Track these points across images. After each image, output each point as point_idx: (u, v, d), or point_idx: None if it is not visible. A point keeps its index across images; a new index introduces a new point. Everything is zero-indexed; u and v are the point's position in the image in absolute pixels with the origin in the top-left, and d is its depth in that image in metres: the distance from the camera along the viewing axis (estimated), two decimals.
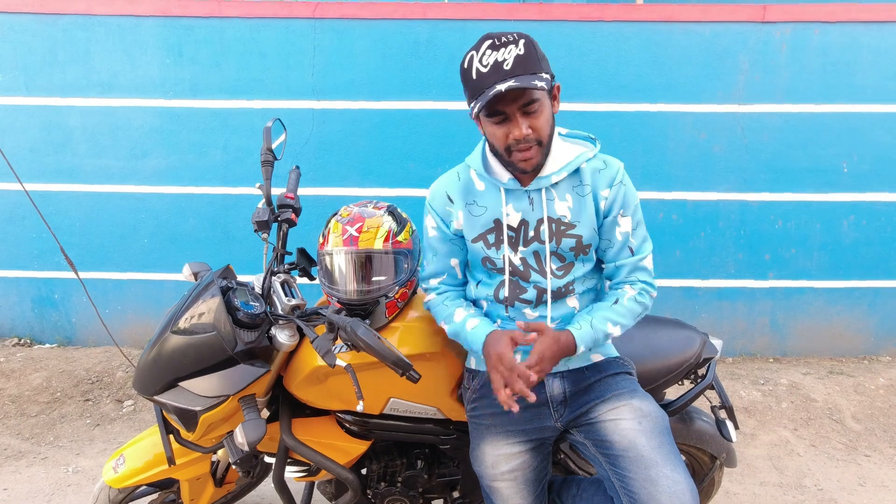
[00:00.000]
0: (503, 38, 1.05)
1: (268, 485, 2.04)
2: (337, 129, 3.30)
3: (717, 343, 1.48)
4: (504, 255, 1.20)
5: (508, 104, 1.06)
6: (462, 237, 1.27)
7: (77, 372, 2.90)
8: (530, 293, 1.21)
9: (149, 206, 3.40)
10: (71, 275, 3.42)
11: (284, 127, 1.48)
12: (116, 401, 2.74)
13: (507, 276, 1.21)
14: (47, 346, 3.43)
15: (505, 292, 1.23)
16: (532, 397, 1.07)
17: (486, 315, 1.29)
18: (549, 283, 1.20)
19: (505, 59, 1.03)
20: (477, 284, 1.30)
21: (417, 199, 3.21)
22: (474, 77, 1.07)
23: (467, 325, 1.21)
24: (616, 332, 1.19)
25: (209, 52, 3.26)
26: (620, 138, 3.21)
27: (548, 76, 1.08)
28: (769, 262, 3.39)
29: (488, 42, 1.06)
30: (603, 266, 1.29)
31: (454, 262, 1.31)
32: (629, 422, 1.13)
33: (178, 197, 3.39)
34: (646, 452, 1.09)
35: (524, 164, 1.12)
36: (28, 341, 3.47)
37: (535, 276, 1.20)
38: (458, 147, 3.26)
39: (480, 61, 1.05)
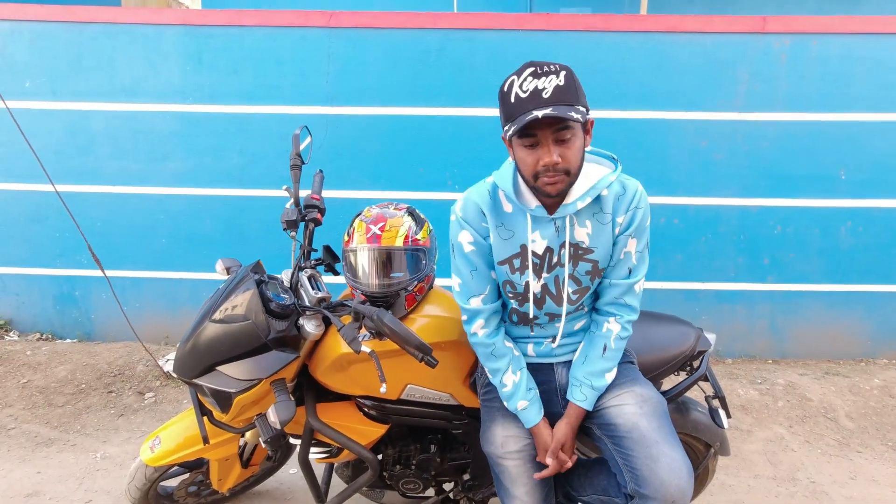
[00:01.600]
0: (545, 68, 1.07)
1: (285, 472, 2.17)
2: (350, 134, 3.42)
3: (711, 337, 1.58)
4: (527, 282, 1.26)
5: (542, 129, 1.08)
6: (491, 253, 1.29)
7: (99, 365, 3.02)
8: (542, 320, 1.32)
9: (167, 207, 3.53)
10: (91, 273, 3.56)
11: (311, 133, 1.59)
12: (138, 393, 2.86)
13: (524, 303, 1.30)
14: (68, 341, 3.56)
15: (518, 317, 1.33)
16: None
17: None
18: (565, 310, 1.29)
19: (545, 88, 1.05)
20: None
21: (427, 203, 3.33)
22: (512, 101, 1.08)
23: (518, 403, 1.28)
24: (612, 375, 1.30)
25: (228, 60, 3.39)
26: (625, 145, 3.32)
27: (584, 109, 1.10)
28: (768, 266, 3.48)
29: (530, 69, 1.08)
30: None
31: (493, 274, 1.31)
32: (631, 406, 1.23)
33: (195, 198, 3.52)
34: (647, 433, 1.19)
35: (549, 189, 1.13)
36: (49, 336, 3.60)
37: (549, 304, 1.29)
38: (466, 152, 3.38)
39: (521, 87, 1.07)
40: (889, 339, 3.51)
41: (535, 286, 1.27)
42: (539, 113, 1.04)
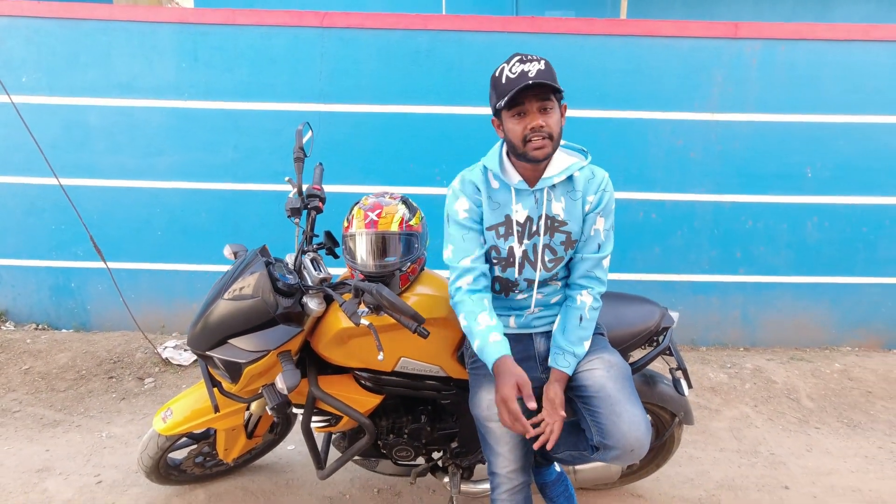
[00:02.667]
0: (529, 57, 1.31)
1: (283, 448, 2.30)
2: (342, 131, 3.54)
3: (675, 315, 1.75)
4: (510, 246, 1.44)
5: (530, 101, 1.30)
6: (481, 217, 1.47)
7: (99, 353, 3.12)
8: (521, 285, 1.49)
9: (163, 200, 3.62)
10: (87, 264, 3.65)
11: (311, 129, 1.73)
12: (138, 378, 2.96)
13: (506, 267, 1.46)
14: (65, 331, 3.64)
15: (500, 284, 1.50)
16: (531, 433, 1.32)
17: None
18: (538, 275, 1.47)
19: (530, 70, 1.28)
20: None
21: (416, 197, 3.45)
22: (503, 81, 1.31)
23: (490, 336, 1.38)
24: (588, 343, 1.46)
25: (223, 58, 3.49)
26: (605, 143, 3.49)
27: (562, 90, 1.33)
28: (740, 259, 3.68)
29: (518, 57, 1.32)
30: None
31: (482, 240, 1.47)
32: (600, 371, 1.40)
33: (190, 192, 3.61)
34: (612, 393, 1.36)
35: (537, 153, 1.33)
36: (45, 327, 3.68)
37: (527, 270, 1.46)
38: (454, 149, 3.52)
39: (510, 70, 1.30)
40: (852, 328, 3.73)
41: (517, 251, 1.45)
42: (529, 79, 1.26)
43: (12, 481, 2.10)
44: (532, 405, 1.30)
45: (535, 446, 1.36)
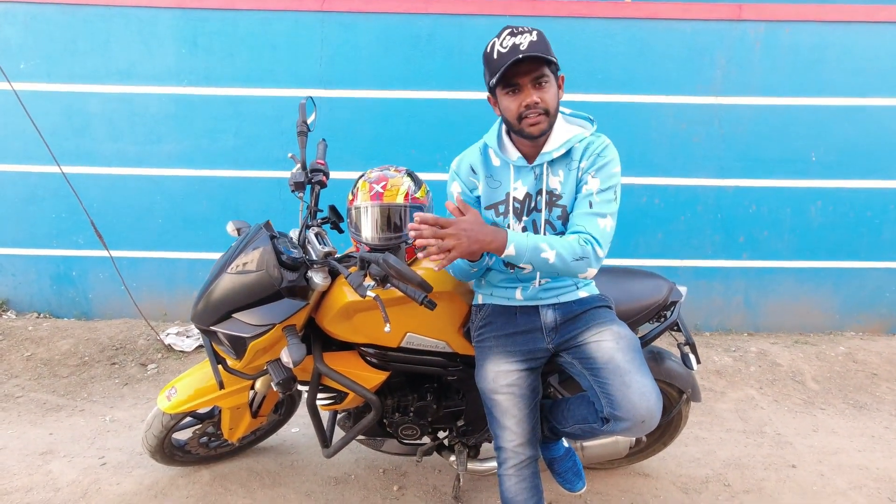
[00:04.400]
0: (520, 28, 1.26)
1: (287, 430, 2.29)
2: (343, 117, 3.52)
3: (682, 289, 1.74)
4: (509, 224, 1.41)
5: (522, 76, 1.26)
6: (479, 203, 1.47)
7: (101, 340, 3.11)
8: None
9: (164, 188, 3.60)
10: (88, 253, 3.63)
11: (315, 104, 1.71)
12: (140, 364, 2.95)
13: None
14: (66, 319, 3.62)
15: (503, 262, 1.46)
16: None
17: (490, 273, 1.51)
18: None
19: (521, 43, 1.24)
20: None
21: None
22: (495, 57, 1.26)
23: None
24: (550, 256, 1.27)
25: (222, 43, 3.47)
26: (607, 128, 3.39)
27: (556, 61, 1.27)
28: (743, 244, 3.66)
29: (508, 30, 1.27)
30: None
31: None
32: (609, 342, 1.38)
33: (191, 180, 3.60)
34: (621, 364, 1.34)
35: (532, 129, 1.30)
36: (47, 316, 3.67)
37: None
38: (455, 133, 3.50)
39: (501, 45, 1.26)
40: (856, 313, 3.72)
41: (516, 227, 1.42)
42: (520, 55, 1.22)
43: (17, 463, 2.09)
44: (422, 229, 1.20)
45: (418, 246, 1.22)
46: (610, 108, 3.48)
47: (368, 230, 1.54)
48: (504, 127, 1.43)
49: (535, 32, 1.26)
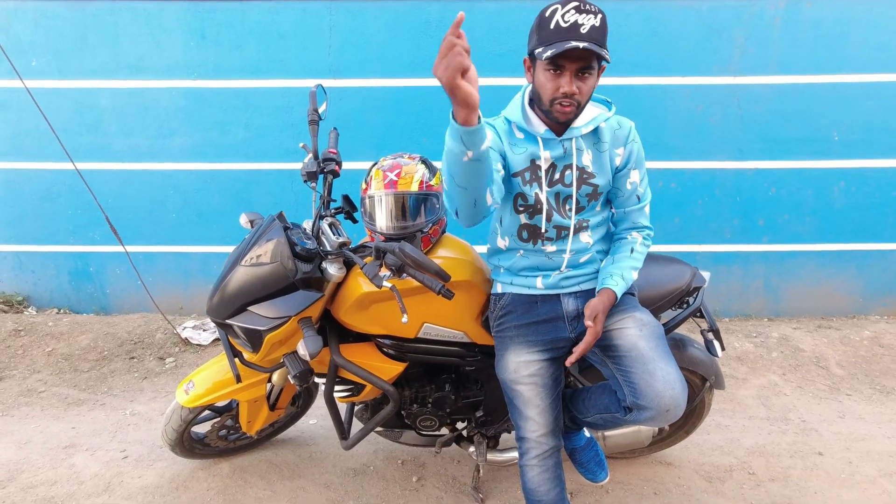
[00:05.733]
0: (587, 6, 1.16)
1: (305, 422, 2.29)
2: (353, 106, 3.48)
3: (706, 275, 1.69)
4: (536, 192, 1.36)
5: (571, 62, 1.19)
6: (504, 157, 1.35)
7: (119, 334, 3.14)
8: (550, 232, 1.40)
9: (176, 182, 3.60)
10: (105, 248, 3.66)
11: (326, 93, 1.68)
12: (159, 358, 2.97)
13: (534, 214, 1.37)
14: (85, 314, 3.66)
15: (528, 232, 1.41)
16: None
17: (511, 258, 1.47)
18: (573, 222, 1.39)
19: (584, 24, 1.15)
20: (500, 222, 1.47)
21: None
22: (552, 27, 1.17)
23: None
24: (636, 274, 1.44)
25: (231, 35, 3.44)
26: (622, 110, 3.28)
27: (607, 56, 1.20)
28: (763, 228, 3.58)
29: (575, 3, 1.16)
30: (612, 210, 1.50)
31: (499, 165, 1.31)
32: (631, 329, 1.35)
33: (203, 173, 3.59)
34: (645, 352, 1.30)
35: (560, 115, 1.26)
36: (66, 311, 3.71)
37: (556, 217, 1.38)
38: None
39: (563, 17, 1.16)
40: (880, 296, 3.63)
41: (542, 197, 1.37)
42: (581, 44, 1.14)
43: (41, 457, 2.12)
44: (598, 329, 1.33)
45: (568, 362, 1.35)
46: (624, 91, 3.40)
47: (383, 219, 1.51)
48: (528, 98, 1.37)
49: (600, 17, 1.18)
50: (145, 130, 3.55)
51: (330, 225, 1.55)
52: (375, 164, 1.57)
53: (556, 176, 1.37)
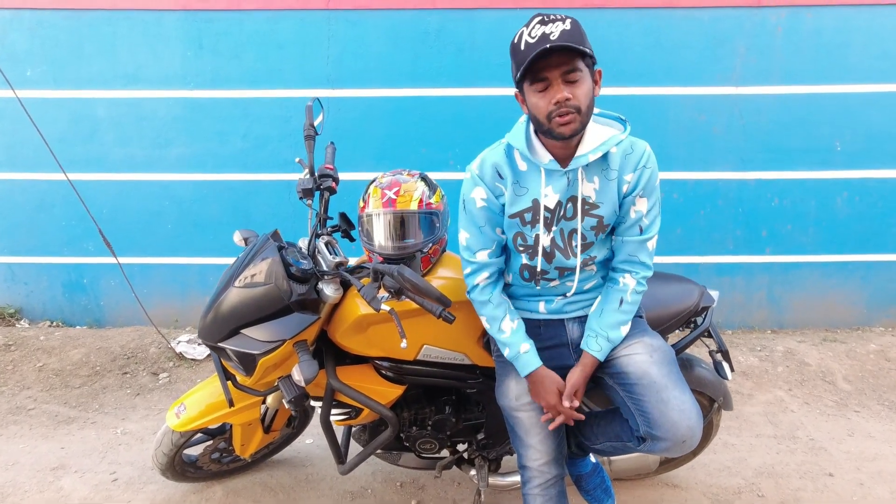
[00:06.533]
0: (552, 16, 1.12)
1: (302, 442, 2.24)
2: (352, 116, 3.45)
3: (714, 294, 1.64)
4: (537, 235, 1.29)
5: (552, 70, 1.12)
6: (503, 212, 1.32)
7: (112, 348, 3.08)
8: (552, 274, 1.35)
9: (173, 192, 3.56)
10: (99, 260, 3.60)
11: (322, 106, 1.63)
12: (152, 373, 2.91)
13: (535, 256, 1.31)
14: (79, 328, 3.60)
15: (528, 273, 1.36)
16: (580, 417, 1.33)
17: (511, 287, 1.44)
18: (579, 260, 1.32)
19: (552, 32, 1.09)
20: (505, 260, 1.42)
21: None
22: (522, 48, 1.12)
23: (520, 347, 1.34)
24: (626, 329, 1.34)
25: (229, 44, 3.41)
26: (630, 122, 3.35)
27: (591, 53, 1.14)
28: (766, 239, 3.54)
29: (538, 18, 1.12)
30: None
31: (499, 231, 1.34)
32: (642, 355, 1.29)
33: (200, 184, 3.55)
34: (657, 379, 1.25)
35: (563, 129, 1.15)
36: (59, 324, 3.65)
37: (558, 258, 1.31)
38: (468, 131, 3.41)
39: (529, 34, 1.11)
40: (885, 308, 3.59)
41: (545, 239, 1.30)
42: (548, 42, 1.08)
43: (28, 479, 2.06)
44: (575, 405, 1.26)
45: (551, 427, 1.36)
46: (626, 101, 3.37)
47: (381, 239, 1.46)
48: (532, 126, 1.27)
49: (568, 21, 1.11)
50: (142, 141, 3.51)
51: (326, 244, 1.50)
52: (373, 181, 1.52)
53: (561, 212, 1.29)
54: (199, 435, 1.82)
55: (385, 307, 1.28)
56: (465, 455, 1.81)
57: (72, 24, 3.39)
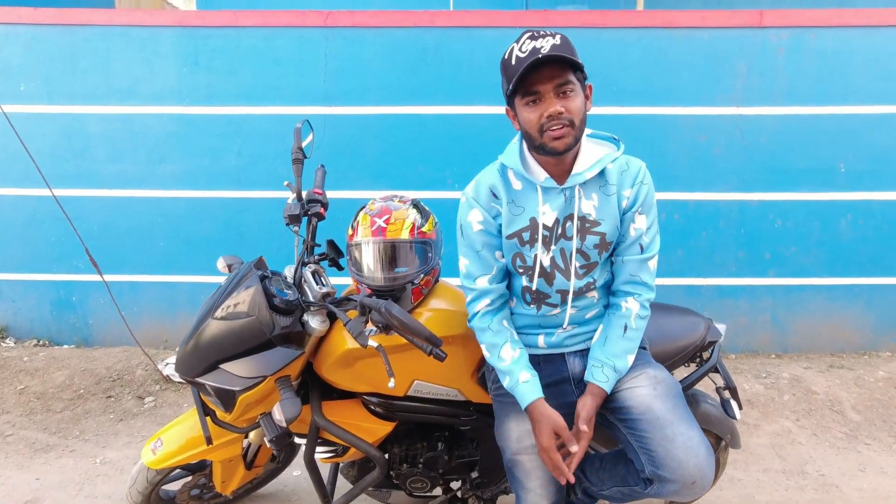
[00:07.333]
0: (541, 32, 1.11)
1: (288, 474, 2.14)
2: (348, 134, 3.40)
3: (721, 327, 1.56)
4: (535, 255, 1.25)
5: (544, 83, 1.11)
6: (500, 233, 1.29)
7: (98, 370, 2.98)
8: (554, 298, 1.29)
9: (165, 209, 3.49)
10: (88, 277, 3.52)
11: (312, 128, 1.57)
12: (137, 397, 2.82)
13: (535, 277, 1.26)
14: (66, 346, 3.51)
15: (530, 296, 1.30)
16: (571, 479, 1.19)
17: (513, 315, 1.36)
18: (573, 285, 1.26)
19: (542, 46, 1.08)
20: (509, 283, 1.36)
21: (427, 202, 3.31)
22: (513, 63, 1.11)
23: (520, 376, 1.24)
24: (632, 358, 1.27)
25: (225, 61, 3.37)
26: (623, 141, 3.30)
27: (582, 66, 1.13)
28: (769, 261, 3.47)
29: (528, 34, 1.12)
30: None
31: (499, 255, 1.30)
32: (645, 388, 1.21)
33: (193, 201, 3.49)
34: (661, 414, 1.17)
35: (556, 143, 1.13)
36: (47, 342, 3.56)
37: (559, 279, 1.26)
38: (465, 149, 3.36)
39: (520, 49, 1.11)
40: (891, 332, 3.51)
41: (544, 259, 1.25)
42: (539, 55, 1.07)
43: None
44: (574, 449, 1.16)
45: (561, 480, 1.21)
46: (626, 121, 3.33)
47: (370, 269, 1.39)
48: (525, 144, 1.24)
49: (558, 36, 1.10)
50: (135, 157, 3.45)
51: (314, 273, 1.43)
52: (363, 207, 1.45)
53: (560, 231, 1.24)
54: (177, 470, 1.73)
55: (372, 343, 1.20)
56: (459, 494, 1.71)
57: (67, 38, 3.36)
